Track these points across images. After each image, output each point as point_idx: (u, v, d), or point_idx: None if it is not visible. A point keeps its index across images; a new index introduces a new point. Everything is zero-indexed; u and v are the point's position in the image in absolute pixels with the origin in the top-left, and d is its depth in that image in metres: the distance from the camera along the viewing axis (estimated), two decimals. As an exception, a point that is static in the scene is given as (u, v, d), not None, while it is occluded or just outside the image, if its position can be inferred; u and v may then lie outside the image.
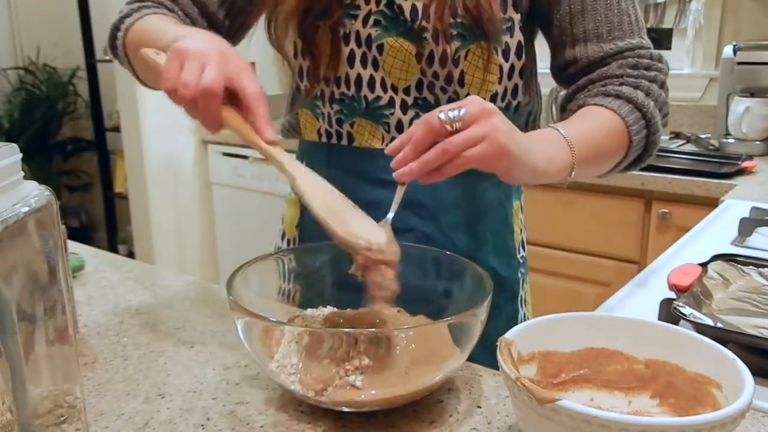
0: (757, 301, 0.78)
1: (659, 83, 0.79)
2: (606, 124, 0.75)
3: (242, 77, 0.64)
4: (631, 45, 0.79)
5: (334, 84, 0.82)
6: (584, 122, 0.75)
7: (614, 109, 0.75)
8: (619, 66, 0.78)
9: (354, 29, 0.79)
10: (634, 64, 0.78)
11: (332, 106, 0.83)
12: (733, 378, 0.48)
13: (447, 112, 0.61)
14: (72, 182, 4.01)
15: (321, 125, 0.86)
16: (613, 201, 1.87)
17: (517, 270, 0.91)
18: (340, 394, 0.55)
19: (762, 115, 1.99)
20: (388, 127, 0.82)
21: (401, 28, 0.78)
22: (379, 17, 0.78)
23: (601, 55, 0.79)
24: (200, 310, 0.81)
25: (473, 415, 0.58)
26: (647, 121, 0.77)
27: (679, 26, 2.36)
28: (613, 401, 0.55)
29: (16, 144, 0.43)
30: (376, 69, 0.80)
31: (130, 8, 0.85)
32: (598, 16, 0.79)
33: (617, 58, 0.79)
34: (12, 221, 0.40)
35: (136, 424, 0.57)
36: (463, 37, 0.77)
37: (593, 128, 0.74)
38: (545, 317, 0.56)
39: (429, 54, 0.78)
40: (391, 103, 0.81)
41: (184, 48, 0.64)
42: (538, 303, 1.37)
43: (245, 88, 0.64)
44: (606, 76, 0.79)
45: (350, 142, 0.84)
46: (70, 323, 0.47)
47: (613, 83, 0.78)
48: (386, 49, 0.78)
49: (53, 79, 3.76)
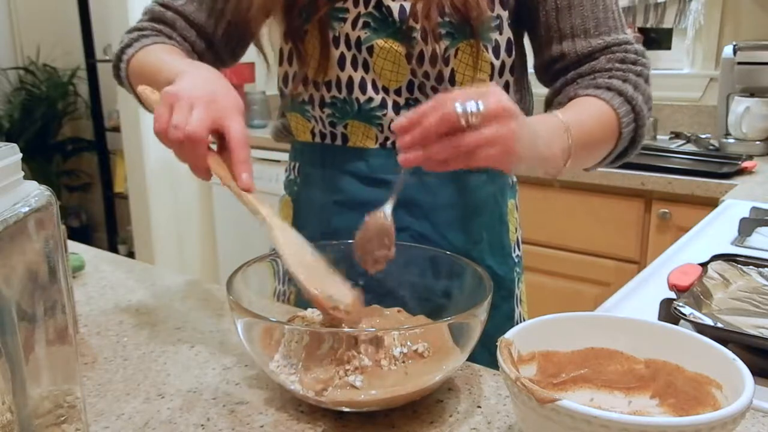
0: (757, 301, 0.78)
1: (645, 78, 0.81)
2: (599, 114, 0.76)
3: (228, 120, 0.66)
4: (617, 40, 0.80)
5: (324, 88, 0.82)
6: (579, 110, 0.76)
7: (606, 100, 0.76)
8: (607, 60, 0.80)
9: (343, 32, 0.79)
10: (621, 59, 0.80)
11: (323, 110, 0.83)
12: (733, 378, 0.48)
13: (465, 104, 0.57)
14: (72, 182, 4.01)
15: (314, 126, 0.86)
16: (613, 201, 1.87)
17: (513, 269, 0.91)
18: (340, 394, 0.55)
19: (762, 115, 1.99)
20: (381, 128, 0.82)
21: (390, 29, 0.78)
22: (368, 19, 0.78)
23: (589, 50, 0.80)
24: (200, 310, 0.81)
25: (473, 415, 0.58)
26: (636, 114, 0.78)
27: (679, 26, 2.36)
28: (613, 401, 0.55)
29: (16, 144, 0.43)
30: (367, 71, 0.80)
31: (130, 38, 0.87)
32: (584, 12, 0.80)
33: (605, 53, 0.80)
34: (12, 221, 0.40)
35: (136, 424, 0.57)
36: (452, 35, 0.77)
37: (588, 117, 0.75)
38: (545, 317, 0.56)
39: (419, 54, 0.78)
40: (384, 105, 0.81)
41: (175, 92, 0.66)
42: (538, 303, 1.37)
43: (229, 131, 0.66)
44: (595, 70, 0.80)
45: (345, 142, 0.84)
46: (70, 323, 0.47)
47: (603, 76, 0.79)
48: (376, 51, 0.79)
49: (53, 79, 3.77)
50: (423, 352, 0.58)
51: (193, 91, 0.66)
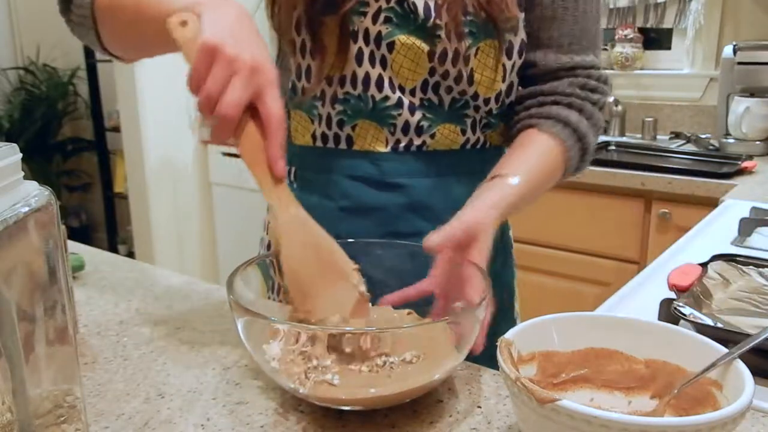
0: (757, 301, 0.78)
1: (600, 106, 0.84)
2: (552, 161, 0.79)
3: (268, 95, 0.60)
4: (584, 62, 0.83)
5: (338, 83, 0.79)
6: (531, 167, 0.77)
7: (563, 140, 0.79)
8: (569, 84, 0.82)
9: (363, 26, 0.77)
10: (582, 84, 0.82)
11: (334, 106, 0.81)
12: (733, 378, 0.48)
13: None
14: (72, 182, 4.01)
15: (315, 128, 0.83)
16: (613, 201, 1.87)
17: (512, 267, 0.92)
18: (341, 392, 0.55)
19: (762, 115, 1.99)
20: (393, 129, 0.80)
21: (413, 26, 0.76)
22: (390, 14, 0.76)
23: (557, 65, 0.82)
24: (200, 310, 0.81)
25: (473, 415, 0.58)
26: (583, 150, 0.82)
27: (679, 26, 2.36)
28: (613, 401, 0.55)
29: (16, 144, 0.43)
30: (384, 68, 0.78)
31: None
32: (564, 27, 0.81)
33: (569, 75, 0.82)
34: (12, 221, 0.40)
35: (136, 424, 0.57)
36: (474, 34, 0.77)
37: (537, 171, 0.77)
38: (545, 317, 0.56)
39: (441, 52, 0.77)
40: (400, 104, 0.79)
41: (215, 44, 0.59)
42: (538, 303, 1.37)
43: (269, 109, 0.60)
44: (556, 92, 0.82)
45: (349, 146, 0.82)
46: (70, 323, 0.47)
47: (563, 101, 0.81)
48: (397, 47, 0.77)
49: (53, 79, 3.77)
50: (411, 360, 0.58)
51: (236, 47, 0.59)
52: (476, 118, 0.82)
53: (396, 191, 0.81)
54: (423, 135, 0.80)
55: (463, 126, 0.82)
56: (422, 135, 0.80)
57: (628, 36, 2.42)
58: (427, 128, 0.80)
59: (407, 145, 0.81)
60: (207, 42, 0.59)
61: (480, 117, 0.82)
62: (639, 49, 2.43)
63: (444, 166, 0.82)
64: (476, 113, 0.82)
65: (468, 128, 0.82)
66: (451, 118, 0.81)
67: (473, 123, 0.82)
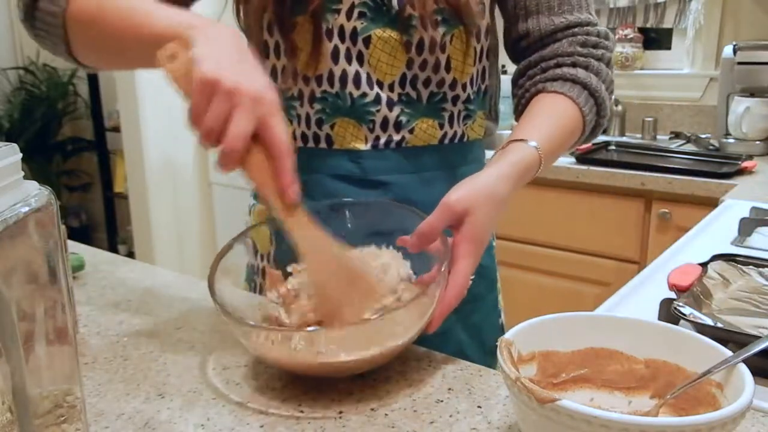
0: (757, 301, 0.78)
1: (606, 61, 0.82)
2: (567, 119, 0.78)
3: (272, 122, 0.59)
4: (579, 20, 0.82)
5: (315, 82, 0.79)
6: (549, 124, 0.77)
7: (573, 97, 0.78)
8: (569, 44, 0.81)
9: (337, 24, 0.77)
10: (583, 42, 0.81)
11: (312, 105, 0.80)
12: (733, 378, 0.48)
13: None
14: (72, 182, 4.01)
15: (295, 128, 0.82)
16: (613, 201, 1.87)
17: (494, 258, 0.92)
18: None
19: (762, 115, 2.00)
20: (372, 125, 0.80)
21: (387, 18, 0.77)
22: (364, 9, 0.76)
23: (552, 28, 0.82)
24: (200, 310, 0.81)
25: (473, 415, 0.58)
26: (599, 106, 0.80)
27: (679, 26, 2.36)
28: (613, 401, 0.55)
29: (16, 144, 0.43)
30: (362, 64, 0.78)
31: None
32: None
33: (567, 34, 0.82)
34: (12, 221, 0.40)
35: (136, 424, 0.57)
36: (447, 22, 0.77)
37: (556, 128, 0.76)
38: (545, 317, 0.56)
39: (418, 41, 0.77)
40: (378, 100, 0.79)
41: (215, 79, 0.57)
42: (538, 303, 1.37)
43: (274, 135, 0.59)
44: (558, 54, 0.81)
45: (329, 145, 0.81)
46: (70, 323, 0.47)
47: (566, 62, 0.80)
48: (373, 41, 0.77)
49: (53, 79, 3.76)
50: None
51: (234, 77, 0.57)
52: (453, 111, 0.82)
53: (378, 189, 0.82)
54: (402, 130, 0.81)
55: (440, 120, 0.82)
56: (401, 130, 0.81)
57: (628, 36, 2.42)
58: (406, 123, 0.80)
59: (387, 141, 0.81)
60: (204, 77, 0.57)
61: (458, 110, 0.83)
62: (639, 49, 2.43)
63: (425, 162, 0.83)
64: (453, 106, 0.82)
65: (446, 122, 0.82)
66: (429, 112, 0.81)
67: (450, 117, 0.83)
